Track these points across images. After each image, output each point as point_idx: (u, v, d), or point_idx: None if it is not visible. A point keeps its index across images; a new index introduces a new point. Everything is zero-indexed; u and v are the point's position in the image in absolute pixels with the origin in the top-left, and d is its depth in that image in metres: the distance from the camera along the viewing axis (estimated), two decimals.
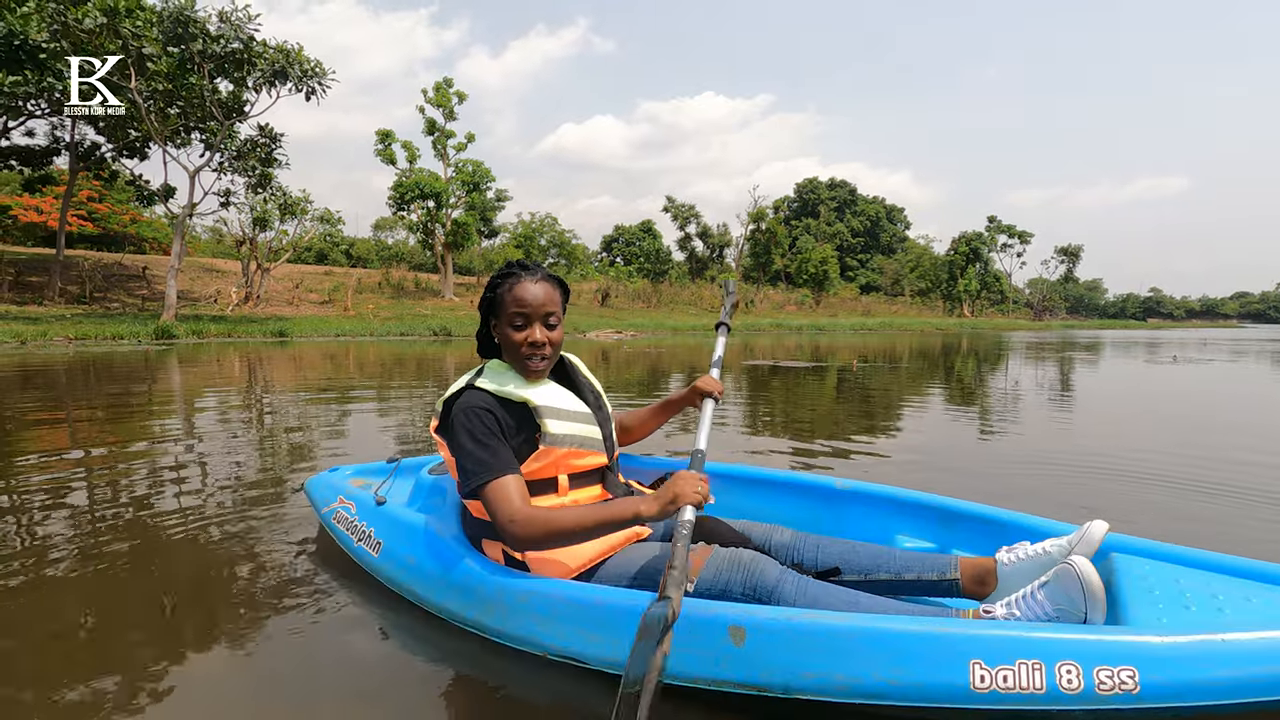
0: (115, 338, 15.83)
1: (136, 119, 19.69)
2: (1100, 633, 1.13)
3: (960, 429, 5.14)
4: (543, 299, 1.53)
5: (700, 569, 1.38)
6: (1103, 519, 1.39)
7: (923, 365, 12.04)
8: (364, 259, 41.99)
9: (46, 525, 2.59)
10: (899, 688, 1.15)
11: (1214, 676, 1.04)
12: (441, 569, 1.61)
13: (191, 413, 5.73)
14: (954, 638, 1.16)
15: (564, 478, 1.54)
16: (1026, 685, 1.10)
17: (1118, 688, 1.07)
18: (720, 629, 1.26)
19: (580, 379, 1.72)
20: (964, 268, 53.57)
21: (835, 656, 1.19)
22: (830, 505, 1.90)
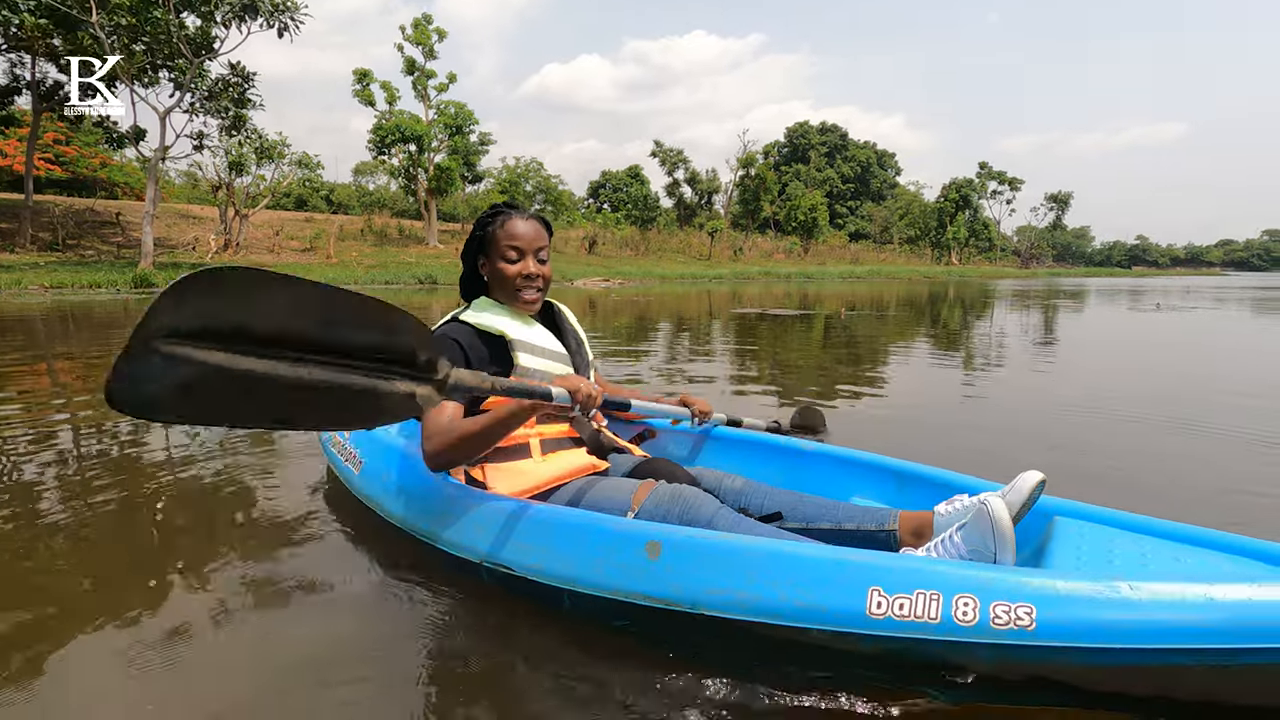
0: (92, 286, 15.51)
1: (101, 56, 18.81)
2: (1003, 570, 1.14)
3: (940, 380, 5.20)
4: (534, 234, 1.61)
5: (642, 500, 1.44)
6: (1045, 472, 1.38)
7: (909, 314, 12.11)
8: (345, 205, 41.02)
9: (33, 471, 2.59)
10: (799, 609, 1.19)
11: (1113, 618, 1.03)
12: (404, 484, 1.73)
13: None
14: (855, 564, 1.19)
15: None
16: (922, 614, 1.11)
17: (1014, 623, 1.07)
18: (639, 544, 1.32)
19: (565, 325, 1.78)
20: (953, 215, 53.31)
21: (741, 575, 1.23)
22: (795, 464, 1.94)
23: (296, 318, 0.98)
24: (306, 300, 0.99)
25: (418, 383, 1.12)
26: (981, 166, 59.76)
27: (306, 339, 0.99)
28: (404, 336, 1.09)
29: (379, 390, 1.07)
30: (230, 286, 0.93)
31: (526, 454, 1.58)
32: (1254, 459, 2.90)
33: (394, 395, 1.08)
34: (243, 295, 0.94)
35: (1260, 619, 0.97)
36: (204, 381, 0.91)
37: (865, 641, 1.17)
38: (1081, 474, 2.69)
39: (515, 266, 1.59)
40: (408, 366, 1.11)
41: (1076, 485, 2.56)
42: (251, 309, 0.94)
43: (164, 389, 0.89)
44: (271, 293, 0.96)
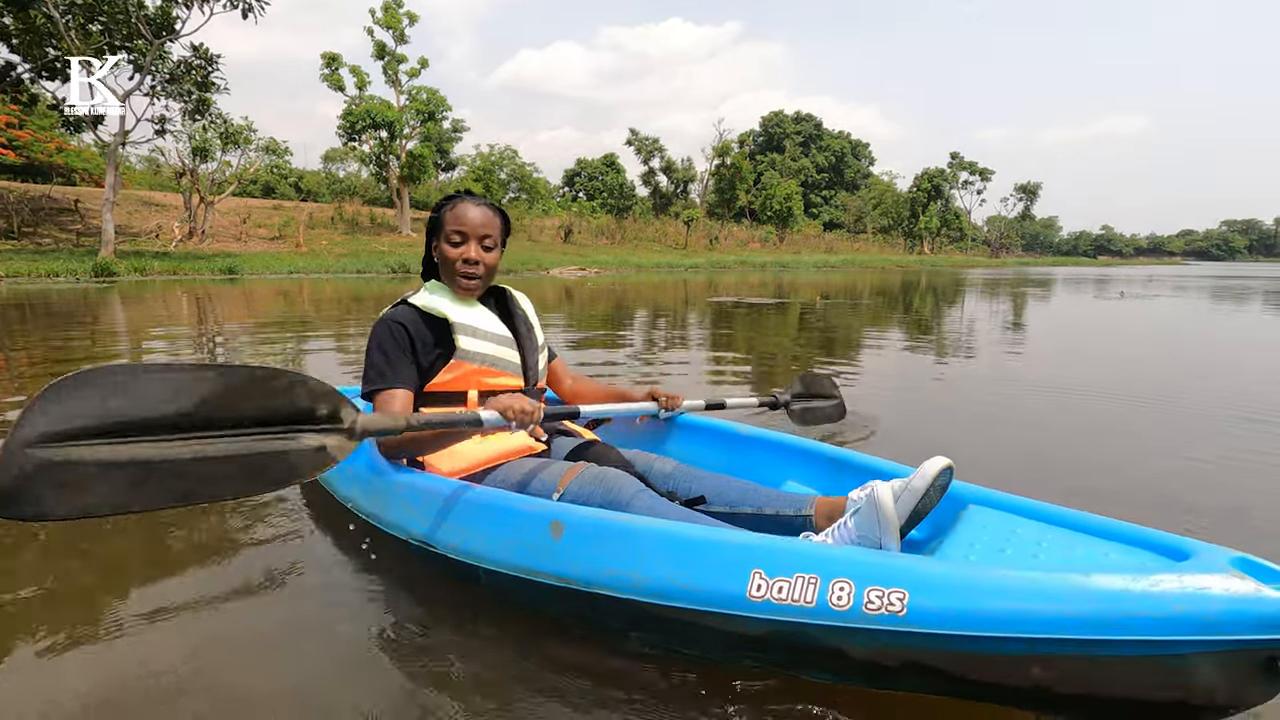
0: (50, 275, 15.02)
1: (54, 35, 18.11)
2: (880, 555, 1.14)
3: (908, 367, 5.28)
4: (481, 221, 1.63)
5: (568, 483, 1.48)
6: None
7: (882, 302, 12.26)
8: (314, 193, 40.12)
9: None
10: (684, 590, 1.20)
11: (984, 606, 1.02)
12: (353, 466, 1.76)
13: (143, 350, 5.53)
14: (739, 546, 1.19)
15: (474, 394, 1.63)
16: (799, 598, 1.12)
17: (885, 608, 1.07)
18: (544, 523, 1.36)
19: (517, 310, 1.79)
20: (925, 205, 53.93)
21: (634, 556, 1.25)
22: (734, 449, 1.96)
23: (179, 400, 0.99)
24: (188, 383, 1.01)
25: (325, 435, 1.14)
26: (953, 157, 60.49)
27: (196, 418, 1.01)
28: (299, 397, 1.11)
29: (285, 451, 1.08)
30: (103, 383, 0.95)
31: (466, 435, 1.61)
32: (1197, 437, 3.00)
33: (303, 452, 1.10)
34: (118, 389, 0.95)
35: (1125, 611, 0.97)
36: (90, 476, 0.92)
37: (750, 624, 1.17)
38: (1033, 458, 2.75)
39: (458, 250, 1.62)
40: (310, 423, 1.12)
41: (1025, 470, 2.62)
42: (130, 400, 0.96)
43: (47, 491, 0.90)
44: (149, 382, 0.98)
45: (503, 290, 1.83)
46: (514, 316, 1.78)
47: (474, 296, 1.68)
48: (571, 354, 5.48)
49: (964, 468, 1.68)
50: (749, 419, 3.33)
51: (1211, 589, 0.96)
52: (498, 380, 1.65)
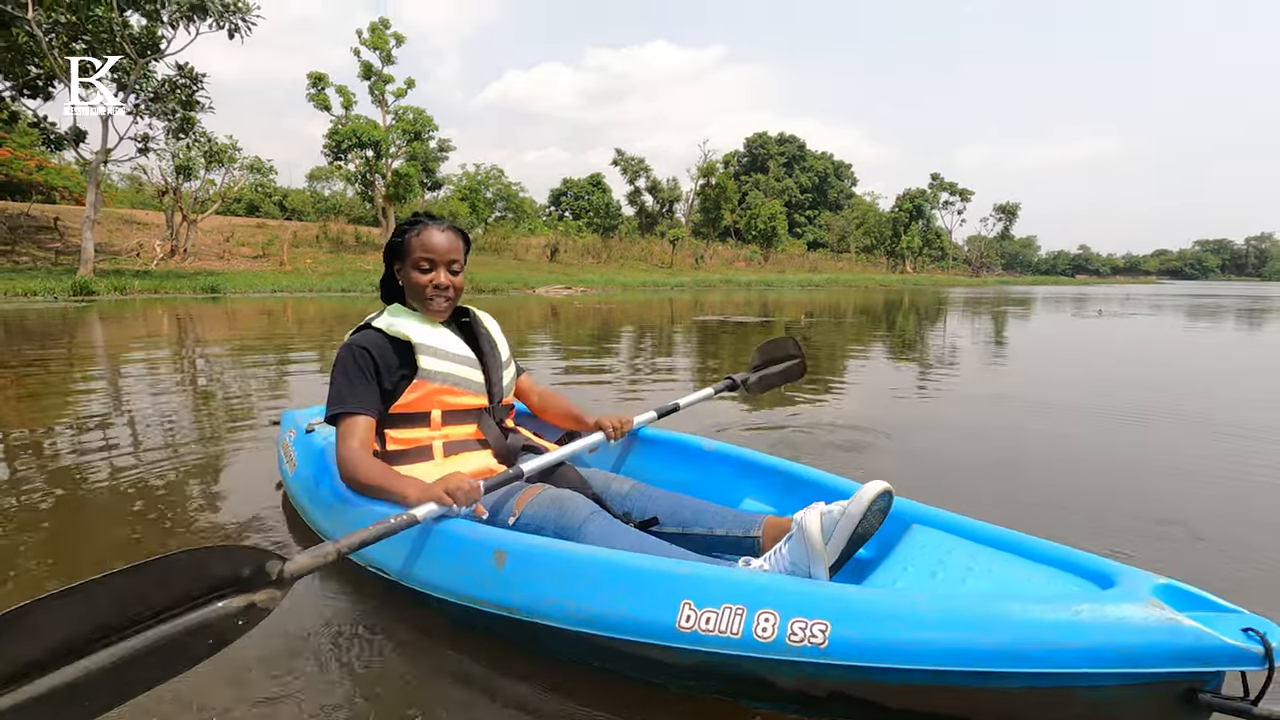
0: (28, 294, 14.79)
1: (37, 54, 18.00)
2: (805, 585, 1.12)
3: (888, 384, 5.32)
4: (447, 246, 1.64)
5: (523, 506, 1.49)
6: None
7: (866, 321, 12.38)
8: (299, 211, 39.96)
9: None
10: (615, 620, 1.19)
11: (903, 638, 1.00)
12: (319, 490, 1.79)
13: (119, 371, 5.45)
14: (670, 576, 1.18)
15: (437, 413, 1.63)
16: (725, 630, 1.10)
17: (808, 640, 1.05)
18: (488, 552, 1.35)
19: (481, 330, 1.80)
20: (907, 225, 54.69)
21: (570, 585, 1.25)
22: (696, 465, 1.95)
23: (90, 619, 0.96)
24: (94, 602, 0.97)
25: (250, 592, 1.11)
26: (933, 178, 61.46)
27: (108, 627, 0.97)
28: (215, 568, 1.08)
29: (211, 620, 1.05)
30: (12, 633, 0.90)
31: (429, 456, 1.62)
32: (1172, 444, 3.04)
33: (230, 616, 1.07)
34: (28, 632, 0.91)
35: (1039, 643, 0.95)
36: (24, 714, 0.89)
37: (680, 654, 1.15)
38: (1005, 470, 2.78)
39: (427, 276, 1.64)
40: (234, 586, 1.09)
41: (993, 484, 2.65)
42: (40, 640, 0.92)
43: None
44: (54, 615, 0.94)
45: (466, 310, 1.84)
46: (478, 336, 1.79)
47: (443, 318, 1.70)
48: (560, 374, 5.48)
49: (937, 479, 1.69)
50: (714, 431, 3.35)
51: (1130, 619, 0.94)
52: (460, 399, 1.66)
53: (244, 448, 3.12)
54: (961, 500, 2.44)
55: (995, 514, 2.19)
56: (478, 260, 31.98)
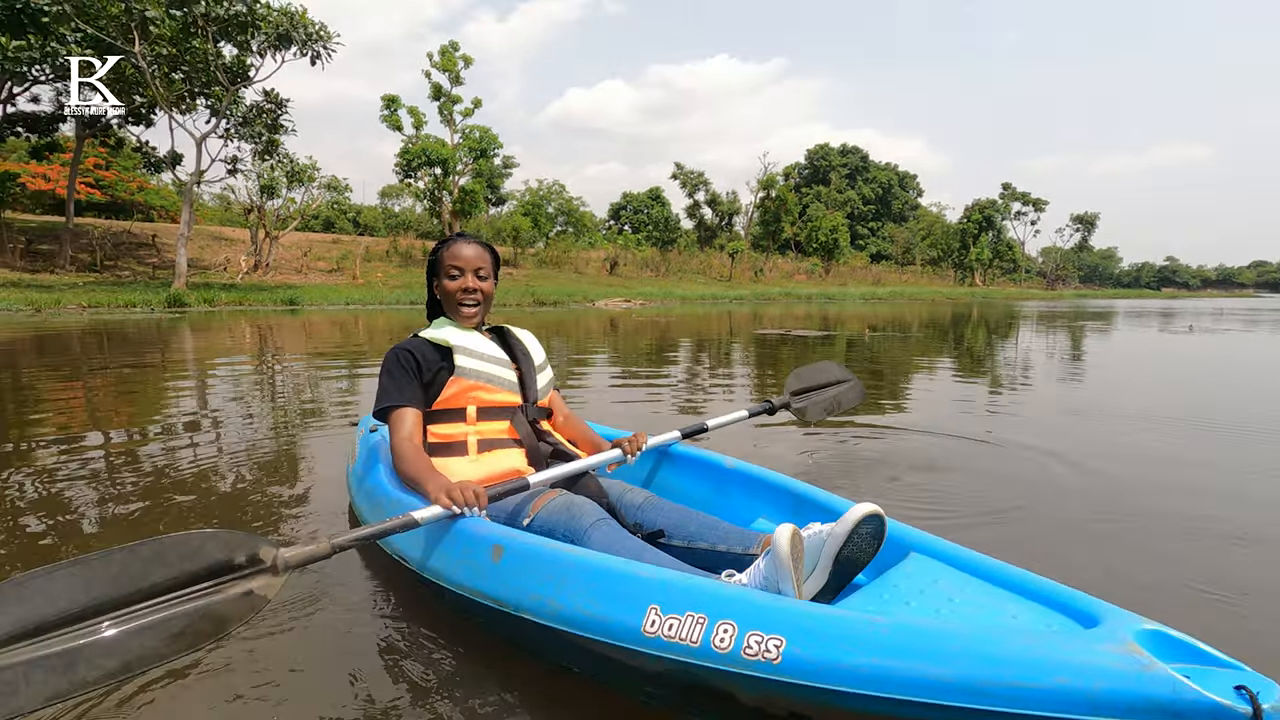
0: (128, 305, 15.94)
1: (141, 84, 19.51)
2: (767, 599, 1.11)
3: (957, 405, 5.13)
4: (474, 256, 1.80)
5: (539, 509, 1.56)
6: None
7: (932, 335, 11.99)
8: (371, 227, 41.76)
9: (68, 486, 2.65)
10: (590, 620, 1.20)
11: (862, 661, 0.97)
12: (364, 480, 1.92)
13: (206, 376, 5.80)
14: (639, 580, 1.19)
15: (472, 409, 1.73)
16: (685, 637, 1.10)
17: (762, 654, 1.04)
18: (488, 546, 1.40)
19: (515, 341, 1.92)
20: (976, 236, 52.85)
21: (554, 583, 1.27)
22: (716, 482, 1.96)
23: (91, 589, 1.03)
24: (97, 571, 1.05)
25: (250, 579, 1.17)
26: (1005, 188, 59.28)
27: (112, 600, 1.04)
28: (212, 552, 1.14)
29: (210, 606, 1.11)
30: (15, 595, 0.99)
31: (463, 451, 1.71)
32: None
33: (229, 601, 1.13)
34: (23, 596, 0.99)
35: (999, 680, 0.89)
36: (14, 679, 0.95)
37: (645, 659, 1.15)
38: (1068, 496, 2.64)
39: (456, 283, 1.79)
40: (230, 573, 1.15)
41: (1052, 508, 2.51)
42: (39, 601, 1.00)
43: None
44: (55, 581, 1.02)
45: (502, 327, 1.97)
46: (512, 344, 1.91)
47: (474, 323, 1.83)
48: (618, 385, 5.53)
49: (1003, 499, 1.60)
50: (739, 450, 3.30)
51: (1102, 662, 0.87)
52: (495, 395, 1.76)
53: (316, 445, 3.32)
54: (1010, 532, 2.33)
55: (1048, 548, 2.08)
56: (539, 274, 32.62)
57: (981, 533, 2.23)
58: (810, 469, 3.02)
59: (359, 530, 1.33)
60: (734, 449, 3.41)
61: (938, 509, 2.47)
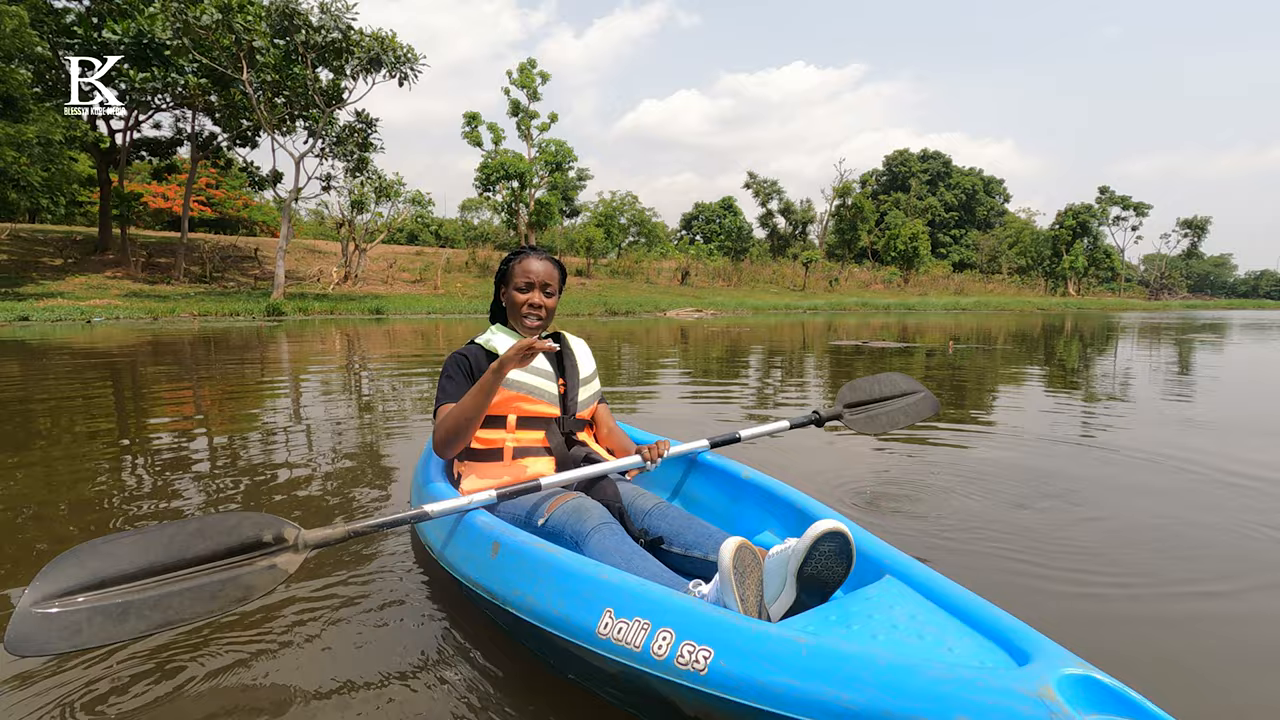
0: (233, 314, 17.16)
1: (248, 109, 21.06)
2: (704, 609, 1.12)
3: (1048, 427, 4.83)
4: (544, 272, 1.88)
5: (553, 510, 1.63)
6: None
7: (1023, 349, 11.37)
8: (451, 239, 43.48)
9: (169, 469, 2.88)
10: (557, 618, 1.26)
11: (775, 680, 0.97)
12: (422, 474, 2.06)
13: (299, 379, 6.16)
14: (599, 583, 1.24)
15: (513, 418, 1.82)
16: (630, 641, 1.14)
17: (691, 664, 1.06)
18: (488, 542, 1.49)
19: (567, 350, 1.98)
20: (1070, 243, 49.90)
21: (534, 581, 1.34)
22: (733, 493, 1.95)
23: (148, 555, 1.27)
24: (153, 540, 1.29)
25: (275, 555, 1.36)
26: (1102, 191, 55.82)
27: (162, 565, 1.27)
28: (245, 531, 1.35)
29: (240, 575, 1.31)
30: (85, 554, 1.24)
31: (500, 458, 1.80)
32: None
33: (256, 573, 1.33)
34: (96, 556, 1.24)
35: (890, 711, 0.87)
36: (80, 621, 1.17)
37: (600, 660, 1.19)
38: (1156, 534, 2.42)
39: (524, 295, 1.87)
40: (259, 549, 1.35)
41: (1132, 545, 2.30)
42: (106, 562, 1.24)
43: (50, 636, 1.15)
44: (120, 546, 1.27)
45: (560, 334, 2.03)
46: (563, 356, 1.96)
47: (536, 335, 1.89)
48: (687, 394, 5.52)
49: (1088, 532, 1.48)
50: (810, 462, 3.20)
51: (1003, 704, 0.83)
52: (534, 407, 1.83)
53: (393, 445, 3.50)
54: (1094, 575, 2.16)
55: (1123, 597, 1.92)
56: (611, 284, 33.02)
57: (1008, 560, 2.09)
58: (876, 485, 2.92)
59: (372, 520, 1.49)
60: (805, 461, 3.33)
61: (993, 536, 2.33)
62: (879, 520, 2.44)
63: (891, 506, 2.60)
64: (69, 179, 19.60)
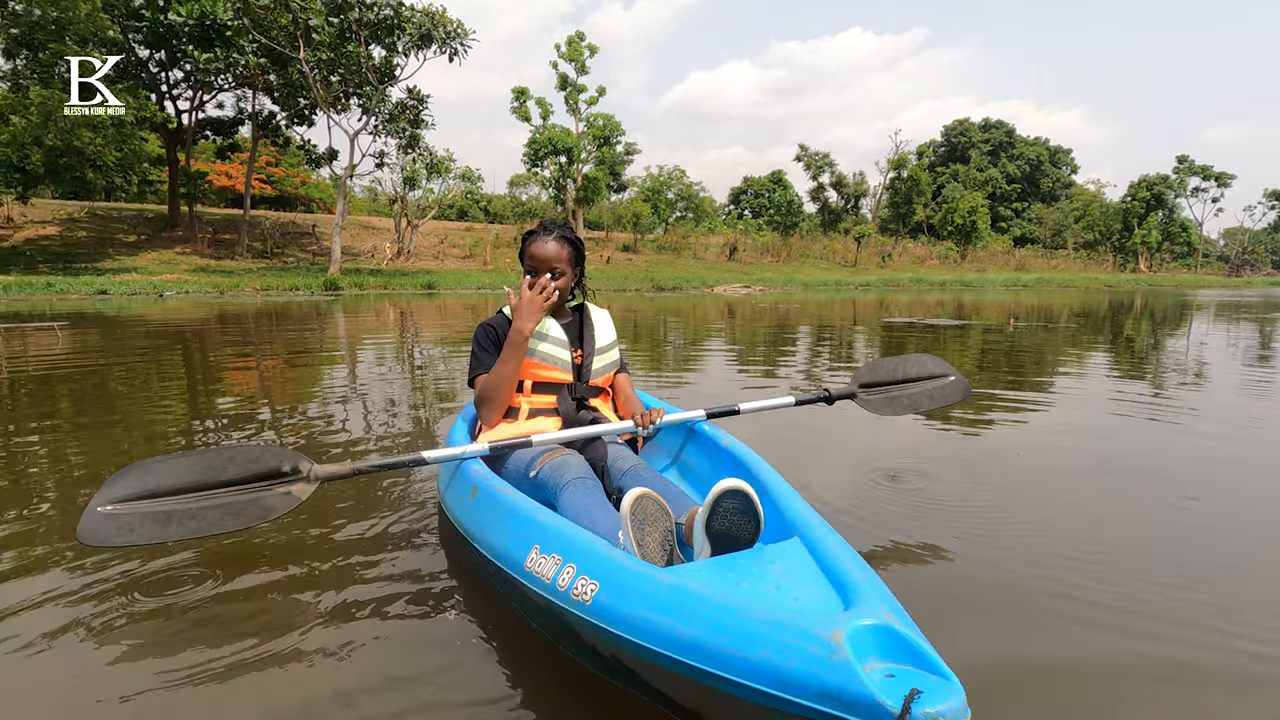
0: (292, 288, 17.78)
1: (305, 88, 21.54)
2: (601, 547, 1.25)
3: (1113, 413, 4.62)
4: (551, 254, 1.97)
5: (543, 464, 1.75)
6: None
7: (1085, 327, 10.87)
8: (500, 215, 43.90)
9: (231, 427, 3.01)
10: (499, 551, 1.46)
11: (643, 615, 1.07)
12: (452, 428, 2.24)
13: (355, 351, 6.36)
14: (530, 522, 1.41)
15: (529, 382, 1.96)
16: (544, 574, 1.28)
17: (581, 596, 1.18)
18: (469, 486, 1.69)
19: (587, 321, 2.09)
20: (1143, 216, 47.23)
21: (492, 520, 1.53)
22: (719, 461, 1.96)
23: (190, 473, 1.55)
24: (193, 462, 1.57)
25: (290, 483, 1.60)
26: (1180, 160, 52.44)
27: (199, 483, 1.54)
28: (268, 460, 1.61)
29: (261, 498, 1.56)
30: (141, 469, 1.53)
31: (514, 416, 1.95)
32: None
33: (275, 496, 1.57)
34: (150, 472, 1.53)
35: (718, 646, 0.97)
36: (134, 522, 1.46)
37: (526, 591, 1.35)
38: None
39: (532, 279, 1.97)
40: (278, 477, 1.60)
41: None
42: (156, 477, 1.53)
43: (111, 532, 1.45)
44: (169, 465, 1.55)
45: (583, 305, 2.15)
46: (583, 326, 2.08)
47: (548, 314, 2.00)
48: (732, 369, 5.48)
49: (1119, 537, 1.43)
50: (763, 447, 3.13)
51: (797, 644, 0.91)
52: (548, 373, 1.97)
53: (436, 407, 3.68)
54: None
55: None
56: (658, 259, 32.88)
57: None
58: (914, 462, 2.85)
59: (375, 460, 1.75)
60: (846, 433, 3.28)
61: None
62: (895, 497, 2.40)
63: (914, 485, 2.54)
64: (140, 158, 20.45)
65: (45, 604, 1.62)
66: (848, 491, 2.47)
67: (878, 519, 2.19)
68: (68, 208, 26.23)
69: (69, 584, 1.72)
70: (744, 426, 3.13)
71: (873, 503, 2.34)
